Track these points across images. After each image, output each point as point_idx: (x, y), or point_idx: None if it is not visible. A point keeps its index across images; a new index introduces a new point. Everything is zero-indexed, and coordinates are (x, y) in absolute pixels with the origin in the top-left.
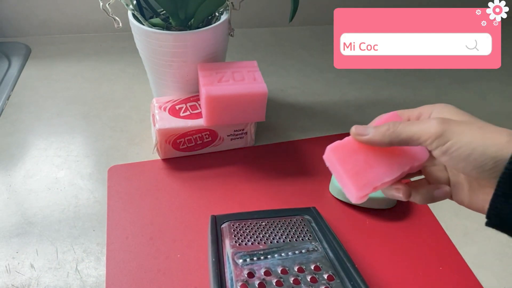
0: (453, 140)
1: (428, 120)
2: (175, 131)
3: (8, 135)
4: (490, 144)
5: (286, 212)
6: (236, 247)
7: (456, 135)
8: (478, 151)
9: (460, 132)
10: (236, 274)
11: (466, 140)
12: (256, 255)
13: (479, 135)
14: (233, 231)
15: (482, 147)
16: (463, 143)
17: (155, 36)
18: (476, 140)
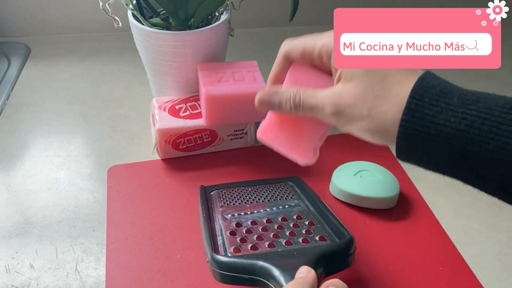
0: (345, 125)
1: (324, 96)
2: (175, 131)
3: (7, 135)
4: (376, 132)
5: (270, 180)
6: (225, 207)
7: (348, 121)
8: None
9: (350, 120)
10: (225, 226)
11: (356, 130)
12: (243, 212)
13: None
14: (221, 196)
15: (372, 133)
16: (354, 130)
17: (155, 36)
18: (366, 124)
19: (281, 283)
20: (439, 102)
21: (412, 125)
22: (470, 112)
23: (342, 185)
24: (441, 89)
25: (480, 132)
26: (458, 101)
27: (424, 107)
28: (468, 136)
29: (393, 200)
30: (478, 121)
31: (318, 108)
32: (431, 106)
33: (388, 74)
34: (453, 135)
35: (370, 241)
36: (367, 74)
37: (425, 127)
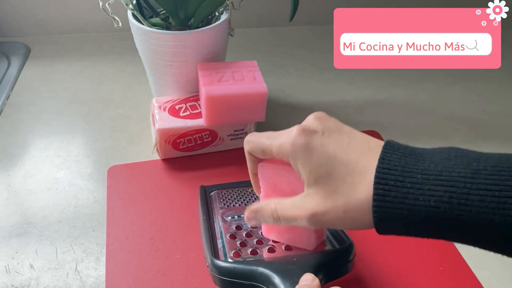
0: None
1: (298, 208)
2: (174, 131)
3: (7, 135)
4: (359, 223)
5: None
6: (225, 209)
7: (328, 226)
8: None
9: (330, 225)
10: (225, 228)
11: (337, 226)
12: (243, 213)
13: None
14: (221, 197)
15: (354, 227)
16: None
17: (155, 36)
18: (346, 223)
19: None
20: (404, 182)
21: (385, 210)
22: (436, 188)
23: None
24: (402, 168)
25: (451, 206)
26: (422, 178)
27: (391, 191)
28: (440, 211)
29: None
30: (446, 195)
31: (296, 220)
32: (397, 188)
33: (348, 170)
34: (426, 212)
35: (369, 241)
36: (330, 177)
37: (397, 209)
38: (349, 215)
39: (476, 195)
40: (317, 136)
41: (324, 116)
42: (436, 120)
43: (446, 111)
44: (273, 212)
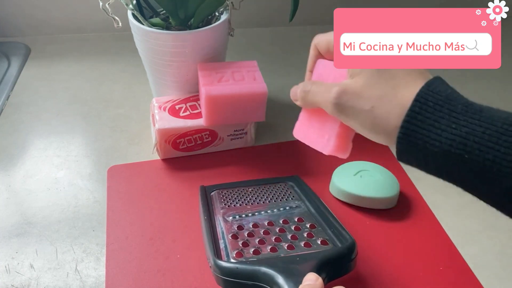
0: (348, 120)
1: (331, 86)
2: (174, 131)
3: (7, 135)
4: (378, 130)
5: (270, 180)
6: (226, 208)
7: (350, 116)
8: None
9: (352, 115)
10: (227, 228)
11: (357, 125)
12: (244, 213)
13: (369, 121)
14: (222, 197)
15: (372, 131)
16: (356, 126)
17: (154, 36)
18: (368, 121)
19: None
20: (443, 108)
21: (414, 127)
22: (472, 121)
23: (342, 185)
24: (447, 96)
25: (480, 141)
26: (462, 109)
27: (427, 111)
28: (468, 144)
29: (393, 200)
30: (479, 129)
31: (321, 95)
32: (434, 111)
33: (396, 75)
34: (452, 141)
35: (370, 241)
36: (376, 72)
37: (426, 130)
38: (376, 112)
39: (510, 136)
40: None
41: None
42: None
43: None
44: (307, 89)
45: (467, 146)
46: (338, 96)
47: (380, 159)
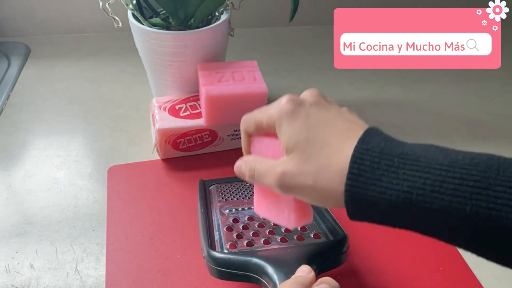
0: (297, 196)
1: (271, 166)
2: (174, 131)
3: (7, 135)
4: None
5: None
6: (223, 202)
7: (297, 193)
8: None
9: (299, 191)
10: (222, 221)
11: (307, 198)
12: (241, 207)
13: (315, 194)
14: (220, 191)
15: (321, 201)
16: (306, 199)
17: (155, 36)
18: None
19: (274, 280)
20: (380, 164)
21: (357, 190)
22: (411, 173)
23: None
24: (381, 150)
25: (424, 192)
26: (399, 162)
27: (366, 171)
28: (412, 197)
29: None
30: (420, 181)
31: (267, 177)
32: (373, 169)
33: (327, 142)
34: (397, 197)
35: (369, 241)
36: (307, 144)
37: (369, 190)
38: (319, 185)
39: (451, 183)
40: (304, 106)
41: (317, 92)
42: (436, 120)
43: (446, 111)
44: (252, 169)
45: (412, 200)
46: (280, 179)
47: None
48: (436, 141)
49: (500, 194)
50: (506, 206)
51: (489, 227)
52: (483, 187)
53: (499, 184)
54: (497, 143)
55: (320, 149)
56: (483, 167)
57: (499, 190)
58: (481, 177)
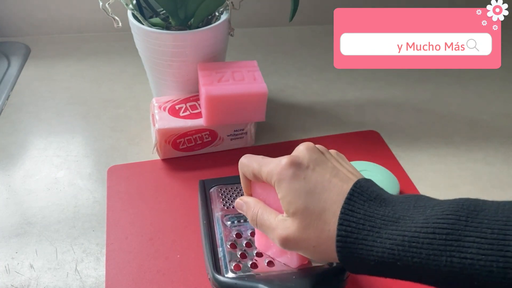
0: (299, 252)
1: (276, 224)
2: (174, 131)
3: (7, 135)
4: (326, 259)
5: None
6: (225, 210)
7: (299, 251)
8: (319, 261)
9: (300, 251)
10: (225, 235)
11: (308, 256)
12: (243, 217)
13: (316, 255)
14: (221, 195)
15: (321, 261)
16: (307, 256)
17: (154, 36)
18: (315, 256)
19: None
20: (365, 225)
21: (347, 250)
22: (392, 233)
23: None
24: (364, 213)
25: (404, 248)
26: (381, 223)
27: (353, 232)
28: (396, 253)
29: None
30: (399, 238)
31: (268, 232)
32: (359, 230)
33: (325, 208)
34: (383, 253)
35: None
36: (306, 210)
37: (358, 249)
38: (319, 249)
39: (426, 238)
40: (302, 169)
41: (313, 147)
42: (436, 120)
43: (446, 111)
44: (254, 216)
45: (395, 256)
46: (283, 242)
47: (380, 159)
48: (436, 141)
49: (470, 244)
50: (477, 254)
51: (465, 275)
52: (455, 239)
53: (468, 234)
54: (497, 143)
55: (318, 215)
56: (453, 219)
57: (469, 240)
58: (452, 229)
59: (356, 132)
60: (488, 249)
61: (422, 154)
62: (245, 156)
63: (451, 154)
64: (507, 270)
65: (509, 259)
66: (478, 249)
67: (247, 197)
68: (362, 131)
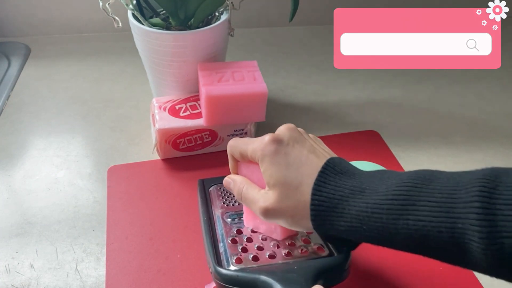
0: (279, 223)
1: (258, 196)
2: (175, 131)
3: (7, 135)
4: (303, 227)
5: None
6: (225, 207)
7: (279, 221)
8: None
9: (280, 221)
10: (226, 231)
11: (287, 225)
12: (243, 214)
13: (294, 223)
14: (220, 193)
15: (301, 229)
16: (286, 226)
17: (155, 36)
18: (294, 226)
19: None
20: (335, 195)
21: (320, 218)
22: (358, 201)
23: None
24: (335, 185)
25: (368, 215)
26: (349, 193)
27: (325, 202)
28: (361, 219)
29: None
30: (363, 206)
31: (251, 205)
32: (330, 200)
33: (302, 182)
34: (351, 220)
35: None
36: (285, 183)
37: (330, 216)
38: (295, 218)
39: (386, 204)
40: (283, 145)
41: (293, 127)
42: (436, 120)
43: (445, 111)
44: (240, 191)
45: (361, 221)
46: (263, 212)
47: (380, 159)
48: (435, 141)
49: (423, 208)
50: (428, 216)
51: (419, 236)
52: (410, 203)
53: (421, 199)
54: (497, 143)
55: (296, 187)
56: (409, 186)
57: (422, 204)
58: (407, 195)
59: (356, 132)
60: (438, 211)
61: (422, 154)
62: (233, 139)
63: (451, 154)
64: (454, 230)
65: (455, 220)
66: (430, 212)
67: (234, 175)
68: (362, 131)
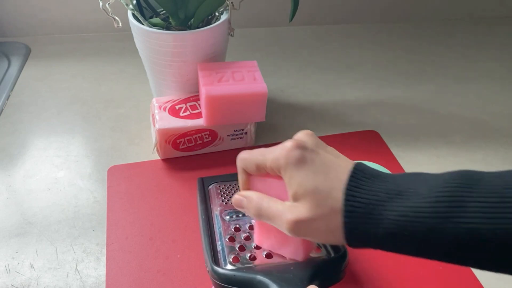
0: (307, 238)
1: (283, 210)
2: (175, 131)
3: (7, 135)
4: (335, 241)
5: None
6: (223, 205)
7: (308, 236)
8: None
9: (310, 236)
10: (224, 229)
11: (316, 240)
12: (242, 212)
13: (325, 236)
14: (219, 192)
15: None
16: (315, 240)
17: (155, 36)
18: (329, 238)
19: None
20: (370, 200)
21: (355, 225)
22: (396, 204)
23: None
24: (369, 189)
25: (407, 219)
26: (385, 197)
27: (359, 207)
28: (402, 224)
29: None
30: (403, 209)
31: (275, 221)
32: (365, 205)
33: (333, 186)
34: (388, 225)
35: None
36: (315, 190)
37: (365, 223)
38: (330, 227)
39: (430, 206)
40: (307, 151)
41: (312, 133)
42: (436, 120)
43: (446, 111)
44: (259, 206)
45: (402, 226)
46: (294, 226)
47: (380, 159)
48: (436, 141)
49: (473, 209)
50: (482, 218)
51: (470, 239)
52: (458, 205)
53: (471, 200)
54: (497, 143)
55: (328, 193)
56: (455, 187)
57: (472, 206)
58: (454, 196)
59: (356, 132)
60: (491, 212)
61: (422, 154)
62: (244, 152)
63: (451, 154)
64: (508, 231)
65: (510, 220)
66: (482, 213)
67: (247, 192)
68: (362, 131)
